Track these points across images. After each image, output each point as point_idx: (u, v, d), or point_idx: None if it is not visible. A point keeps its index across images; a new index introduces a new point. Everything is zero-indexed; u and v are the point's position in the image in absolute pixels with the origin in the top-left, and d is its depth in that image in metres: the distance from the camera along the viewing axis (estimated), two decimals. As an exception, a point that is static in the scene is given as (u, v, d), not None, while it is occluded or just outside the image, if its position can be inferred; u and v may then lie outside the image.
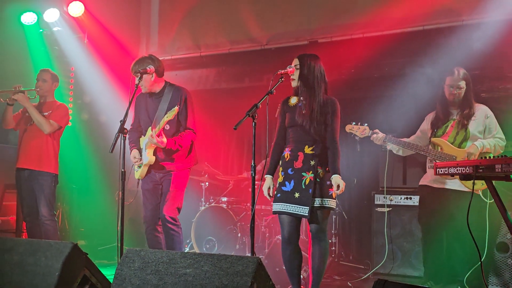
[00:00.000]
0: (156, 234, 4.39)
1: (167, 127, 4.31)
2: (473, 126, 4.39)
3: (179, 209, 4.37)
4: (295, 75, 3.87)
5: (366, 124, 4.53)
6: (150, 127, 4.35)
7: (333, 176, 3.77)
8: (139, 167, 4.41)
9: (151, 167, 4.39)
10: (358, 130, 4.52)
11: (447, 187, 4.40)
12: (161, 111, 4.31)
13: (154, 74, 4.34)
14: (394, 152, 4.78)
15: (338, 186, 3.72)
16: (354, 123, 4.53)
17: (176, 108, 4.10)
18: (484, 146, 4.27)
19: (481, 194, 4.30)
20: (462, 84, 4.41)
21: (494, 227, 4.60)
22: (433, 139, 4.51)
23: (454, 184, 4.35)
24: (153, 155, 4.31)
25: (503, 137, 4.39)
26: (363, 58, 5.82)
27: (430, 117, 4.68)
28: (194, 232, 5.87)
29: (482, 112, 4.42)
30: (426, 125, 4.68)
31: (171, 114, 4.09)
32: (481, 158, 4.24)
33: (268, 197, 3.89)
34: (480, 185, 4.17)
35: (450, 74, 4.46)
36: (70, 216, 6.95)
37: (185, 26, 6.98)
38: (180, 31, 7.02)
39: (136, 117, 4.57)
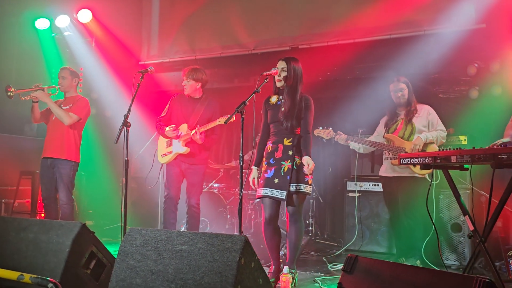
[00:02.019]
0: (173, 211, 4.58)
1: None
2: (418, 122, 4.51)
3: (200, 194, 4.65)
4: (281, 76, 3.85)
5: (330, 128, 4.64)
6: (186, 124, 4.54)
7: (304, 157, 3.79)
8: (166, 155, 4.61)
9: (179, 156, 4.56)
10: (324, 133, 4.62)
11: (400, 174, 4.50)
12: (197, 111, 4.56)
13: (200, 83, 4.60)
14: (356, 150, 4.87)
15: (308, 165, 3.72)
16: (321, 127, 4.65)
17: (234, 117, 3.87)
18: (427, 137, 4.40)
19: (427, 177, 4.40)
20: (403, 86, 4.54)
21: (439, 202, 4.77)
22: (386, 135, 4.62)
23: (405, 171, 4.46)
24: (187, 146, 4.50)
25: (444, 129, 4.52)
26: (337, 62, 5.84)
27: (383, 120, 4.79)
28: (189, 213, 5.85)
29: (424, 110, 4.56)
30: (381, 127, 4.79)
31: (225, 121, 3.88)
32: (425, 148, 4.42)
33: (252, 186, 3.91)
34: (427, 170, 4.27)
35: (392, 82, 4.62)
36: (79, 200, 6.88)
37: (182, 32, 6.94)
38: (177, 37, 6.98)
39: (169, 112, 4.71)
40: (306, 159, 3.75)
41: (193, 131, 4.39)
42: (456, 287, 1.99)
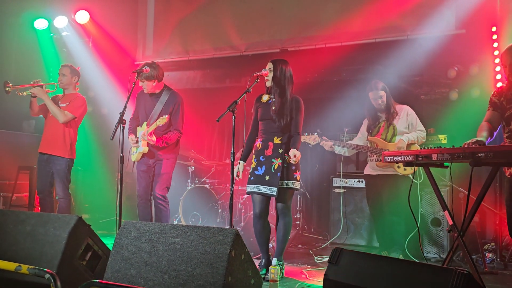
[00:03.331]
0: (145, 207, 4.44)
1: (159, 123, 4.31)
2: (399, 124, 4.53)
3: (168, 188, 4.44)
4: (269, 76, 3.87)
5: (316, 134, 4.60)
6: (145, 122, 4.38)
7: (291, 149, 3.76)
8: (134, 153, 4.43)
9: (144, 154, 4.42)
10: (310, 139, 4.57)
11: (383, 173, 4.52)
12: (157, 109, 4.37)
13: (156, 81, 4.37)
14: (342, 154, 4.86)
15: (295, 156, 3.70)
16: (306, 134, 4.57)
17: (167, 117, 4.16)
18: (409, 139, 4.42)
19: (410, 176, 4.41)
20: (382, 93, 4.53)
21: (420, 198, 4.80)
22: (369, 138, 4.63)
23: (388, 170, 4.48)
24: (147, 146, 4.34)
25: (423, 128, 4.53)
26: (325, 64, 5.85)
27: (366, 122, 4.78)
28: (181, 208, 5.83)
29: (404, 112, 4.57)
30: (363, 128, 4.79)
31: (161, 122, 4.16)
32: (408, 148, 4.42)
33: (236, 177, 3.88)
34: (410, 170, 4.29)
35: (370, 89, 4.59)
36: (76, 194, 6.83)
37: (176, 34, 6.91)
38: (171, 38, 6.95)
39: (136, 110, 4.59)
40: (293, 151, 3.74)
41: (141, 133, 4.28)
42: (436, 279, 2.00)
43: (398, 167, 4.39)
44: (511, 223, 3.12)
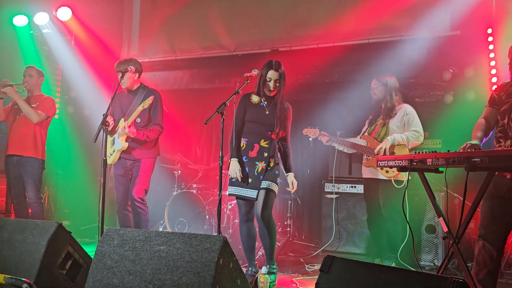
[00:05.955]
0: (126, 213, 4.37)
1: (138, 120, 4.27)
2: (392, 123, 4.48)
3: (146, 191, 4.37)
4: (276, 85, 3.82)
5: (317, 128, 4.63)
6: (122, 119, 4.32)
7: (288, 174, 3.89)
8: (111, 154, 4.34)
9: (122, 153, 4.32)
10: (311, 132, 4.63)
11: (377, 177, 4.49)
12: (134, 105, 4.29)
13: (137, 74, 4.34)
14: (341, 149, 4.86)
15: (293, 184, 3.85)
16: (309, 127, 4.63)
17: (151, 98, 4.09)
18: (395, 139, 4.32)
19: (392, 181, 4.42)
20: (377, 84, 4.56)
21: (415, 206, 4.80)
22: (362, 136, 4.65)
23: (382, 174, 4.46)
24: (125, 141, 4.26)
25: (418, 129, 4.40)
26: (317, 65, 5.87)
27: (368, 120, 4.78)
28: (167, 214, 5.80)
29: (402, 110, 4.50)
30: (365, 127, 4.78)
31: (146, 103, 4.08)
32: (394, 150, 4.37)
33: (239, 178, 3.76)
34: (392, 173, 4.32)
35: (374, 78, 4.61)
36: (56, 199, 6.78)
37: (163, 32, 6.89)
38: (158, 36, 6.92)
39: (111, 110, 4.46)
40: (290, 178, 3.88)
41: (121, 127, 4.19)
42: (430, 287, 2.01)
43: (381, 169, 4.35)
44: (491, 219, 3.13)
